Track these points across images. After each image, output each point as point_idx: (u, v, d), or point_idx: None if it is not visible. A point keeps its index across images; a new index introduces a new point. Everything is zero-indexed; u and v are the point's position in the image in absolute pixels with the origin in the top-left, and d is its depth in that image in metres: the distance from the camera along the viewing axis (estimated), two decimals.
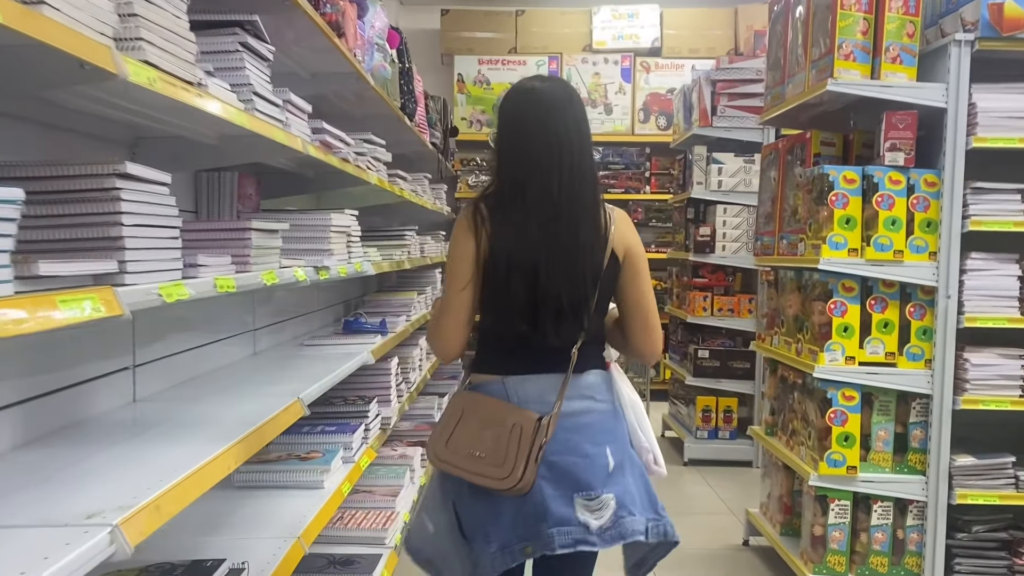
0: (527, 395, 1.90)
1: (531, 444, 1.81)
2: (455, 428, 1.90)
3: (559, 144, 1.88)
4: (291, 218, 2.56)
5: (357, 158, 3.14)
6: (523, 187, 1.88)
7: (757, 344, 3.85)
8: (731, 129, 5.22)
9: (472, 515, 1.89)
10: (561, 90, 1.95)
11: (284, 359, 3.18)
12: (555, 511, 1.80)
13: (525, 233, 1.88)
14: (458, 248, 1.92)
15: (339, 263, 2.75)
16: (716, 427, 5.33)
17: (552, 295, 1.87)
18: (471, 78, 7.35)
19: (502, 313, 1.92)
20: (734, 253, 5.24)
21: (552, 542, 1.79)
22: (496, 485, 1.80)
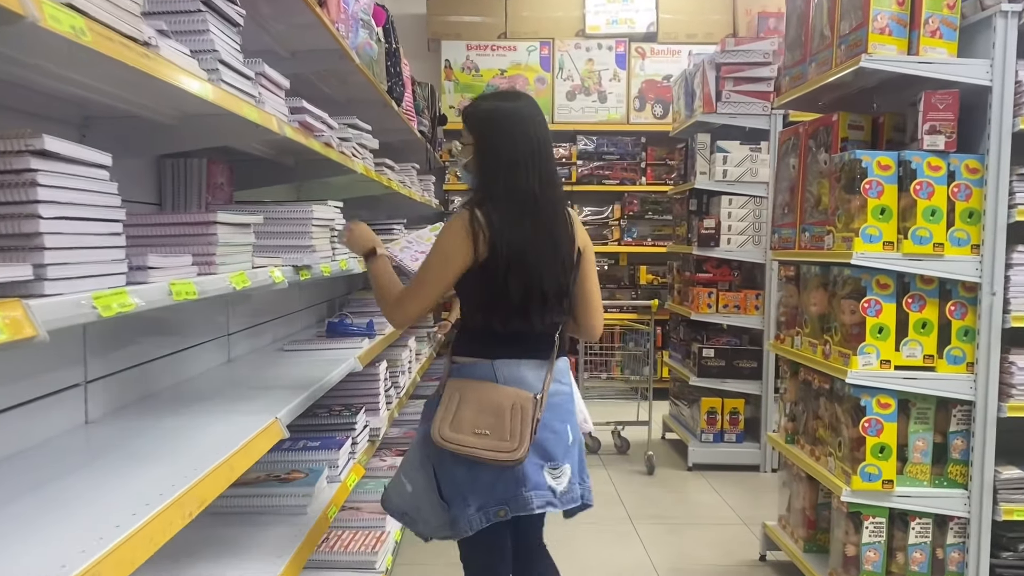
0: (513, 376, 2.12)
1: (532, 420, 2.06)
2: (456, 411, 2.07)
3: (538, 150, 2.13)
4: (266, 211, 2.26)
5: (341, 144, 2.83)
6: (512, 191, 2.10)
7: (775, 345, 3.57)
8: (736, 116, 4.93)
9: (451, 480, 2.11)
10: (531, 102, 2.22)
11: (262, 367, 2.88)
12: (532, 477, 2.08)
13: (519, 233, 2.09)
14: (452, 257, 2.11)
15: (322, 261, 2.45)
16: (722, 430, 5.06)
17: (540, 287, 2.12)
18: (459, 64, 7.03)
19: (498, 309, 2.12)
20: (740, 247, 4.97)
21: (531, 503, 2.07)
22: (505, 458, 2.01)
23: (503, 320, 2.12)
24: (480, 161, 2.16)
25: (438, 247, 2.14)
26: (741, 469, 5.04)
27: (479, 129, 2.18)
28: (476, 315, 2.18)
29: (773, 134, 4.91)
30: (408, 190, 4.59)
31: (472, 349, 2.18)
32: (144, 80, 1.34)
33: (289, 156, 2.91)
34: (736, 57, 4.88)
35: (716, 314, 5.00)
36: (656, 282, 7.14)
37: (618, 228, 7.19)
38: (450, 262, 2.11)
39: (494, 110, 2.18)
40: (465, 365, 2.17)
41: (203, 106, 1.68)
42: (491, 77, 7.00)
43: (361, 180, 3.71)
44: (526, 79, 6.99)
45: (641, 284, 7.18)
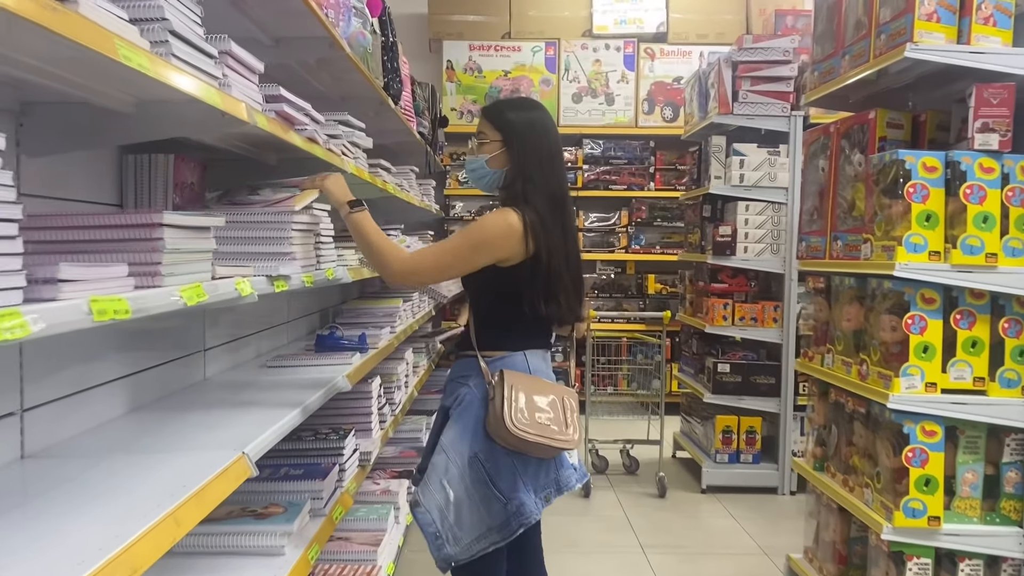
0: (537, 367, 2.29)
1: (578, 410, 2.26)
2: (522, 401, 2.13)
3: (559, 150, 2.36)
4: (235, 212, 1.98)
5: (329, 140, 2.55)
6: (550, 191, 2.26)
7: (801, 363, 3.29)
8: (754, 117, 4.66)
9: (506, 469, 2.17)
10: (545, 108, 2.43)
11: (239, 387, 2.60)
12: (565, 459, 2.29)
13: (557, 230, 2.25)
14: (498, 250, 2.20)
15: (304, 270, 2.17)
16: (738, 450, 4.77)
17: (574, 279, 2.32)
18: (461, 65, 6.77)
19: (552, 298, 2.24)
20: (757, 255, 4.69)
21: (570, 481, 2.28)
22: (569, 446, 2.18)
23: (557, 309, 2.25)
24: (518, 159, 2.26)
25: (478, 237, 2.21)
26: (758, 492, 4.75)
27: (513, 127, 2.28)
28: (507, 309, 2.27)
29: (793, 136, 4.64)
30: (406, 194, 4.32)
31: (503, 342, 2.29)
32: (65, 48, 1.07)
33: (270, 153, 2.64)
34: (754, 55, 4.61)
35: (732, 327, 4.71)
36: (665, 291, 6.86)
37: (625, 235, 6.91)
38: (489, 256, 2.20)
39: (528, 110, 2.33)
40: (502, 358, 2.27)
41: (155, 88, 1.41)
42: (494, 78, 6.74)
43: (355, 183, 3.45)
44: (531, 80, 6.73)
45: (649, 293, 6.90)
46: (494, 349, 2.28)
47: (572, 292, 2.30)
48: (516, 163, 2.27)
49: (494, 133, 2.31)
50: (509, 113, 2.32)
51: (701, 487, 4.77)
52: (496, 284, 2.27)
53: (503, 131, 2.29)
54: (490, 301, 2.33)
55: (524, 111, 2.33)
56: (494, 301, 2.31)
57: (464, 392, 2.28)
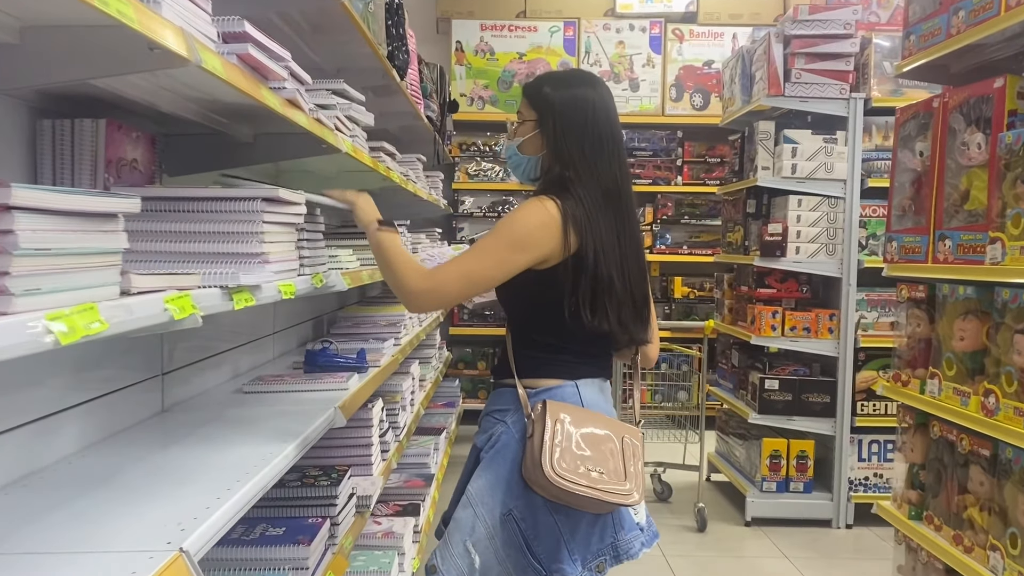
0: (594, 401, 1.87)
1: (643, 456, 1.82)
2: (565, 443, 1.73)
3: (616, 135, 1.89)
4: (178, 196, 1.43)
5: (318, 111, 2.00)
6: (597, 178, 1.85)
7: (891, 388, 2.73)
8: (808, 100, 4.09)
9: (549, 532, 1.76)
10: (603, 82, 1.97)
11: (203, 422, 2.04)
12: (626, 518, 1.82)
13: (605, 228, 1.83)
14: (537, 244, 1.80)
15: (280, 275, 1.62)
16: (787, 477, 4.21)
17: (632, 292, 1.86)
18: (472, 47, 6.20)
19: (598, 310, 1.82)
20: (811, 257, 4.13)
21: (631, 548, 1.80)
22: (626, 501, 1.72)
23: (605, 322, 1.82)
24: (557, 143, 1.88)
25: (508, 234, 1.81)
26: (810, 525, 4.19)
27: (552, 105, 1.89)
28: (550, 326, 1.86)
29: (852, 121, 4.08)
30: (412, 185, 3.76)
31: (548, 369, 1.88)
32: None
33: (243, 125, 2.08)
34: (811, 28, 4.04)
35: (781, 337, 4.15)
36: (693, 296, 6.30)
37: (650, 234, 6.34)
38: (526, 253, 1.80)
39: (574, 86, 1.91)
40: (547, 389, 1.86)
41: None
42: (508, 61, 6.17)
43: (358, 170, 2.91)
44: (548, 64, 6.16)
45: (675, 298, 6.33)
46: (538, 377, 1.88)
47: (629, 307, 1.87)
48: (553, 148, 1.89)
49: (530, 112, 1.95)
50: (548, 88, 1.93)
51: (745, 519, 4.21)
52: (533, 292, 1.87)
53: (539, 109, 1.92)
54: (528, 315, 1.92)
55: (568, 87, 1.92)
56: (532, 315, 1.91)
57: (500, 431, 1.88)
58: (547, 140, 1.91)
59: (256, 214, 1.52)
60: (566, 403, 1.82)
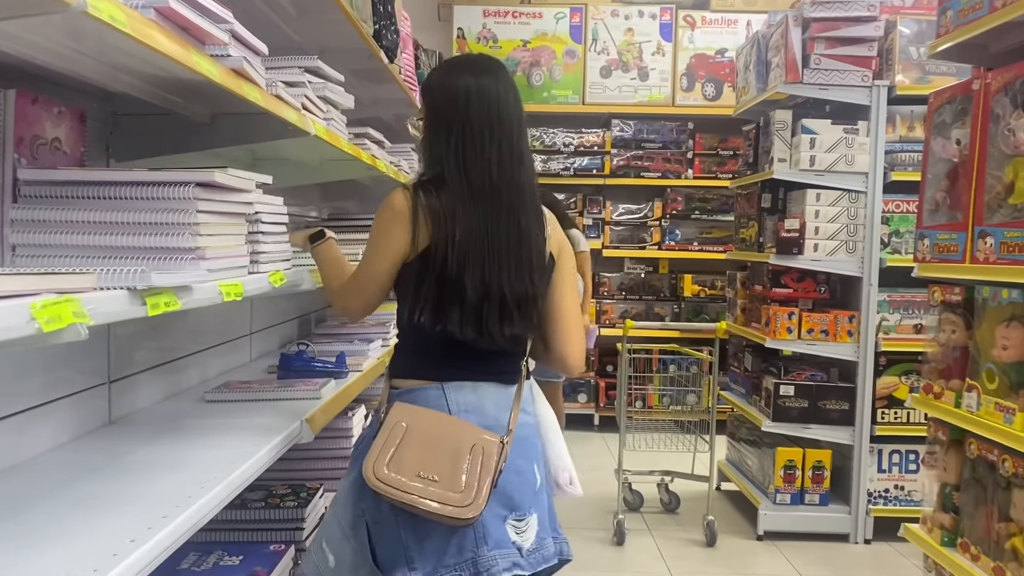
0: (468, 404, 1.73)
1: (494, 470, 1.63)
2: (399, 445, 1.63)
3: (499, 123, 1.76)
4: (87, 181, 1.20)
5: (277, 86, 1.76)
6: (465, 170, 1.74)
7: (921, 400, 2.48)
8: (828, 87, 3.84)
9: (392, 539, 1.66)
10: (497, 66, 1.85)
11: (153, 436, 1.82)
12: (494, 533, 1.67)
13: (469, 222, 1.71)
14: (388, 240, 1.74)
15: (219, 274, 1.39)
16: (802, 488, 3.96)
17: (496, 290, 1.71)
18: (474, 34, 5.95)
19: (443, 312, 1.70)
20: (830, 255, 3.88)
21: (494, 566, 1.64)
22: (454, 514, 1.57)
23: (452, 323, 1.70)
24: (429, 135, 1.82)
25: (372, 232, 1.78)
26: (826, 539, 3.94)
27: (430, 95, 1.82)
28: (417, 323, 1.73)
29: (875, 110, 3.82)
30: (405, 176, 3.53)
31: (415, 369, 1.79)
32: None
33: (198, 104, 1.85)
34: (831, 10, 3.78)
35: (798, 340, 3.90)
36: (703, 294, 6.05)
37: (658, 229, 6.09)
38: (383, 250, 1.75)
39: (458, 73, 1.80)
40: (409, 390, 1.76)
41: None
42: (511, 49, 5.93)
43: (341, 159, 2.69)
44: (553, 51, 5.91)
45: (685, 296, 6.08)
46: (403, 377, 1.80)
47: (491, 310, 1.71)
48: (426, 139, 1.82)
49: (422, 108, 1.86)
50: (433, 77, 1.86)
51: (757, 532, 3.96)
52: (402, 290, 1.80)
53: (423, 100, 1.85)
54: (406, 313, 1.79)
55: (447, 74, 1.83)
56: (407, 314, 1.78)
57: (367, 432, 1.82)
58: (427, 133, 1.83)
59: (188, 202, 1.29)
60: (421, 406, 1.71)
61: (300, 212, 3.58)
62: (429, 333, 1.72)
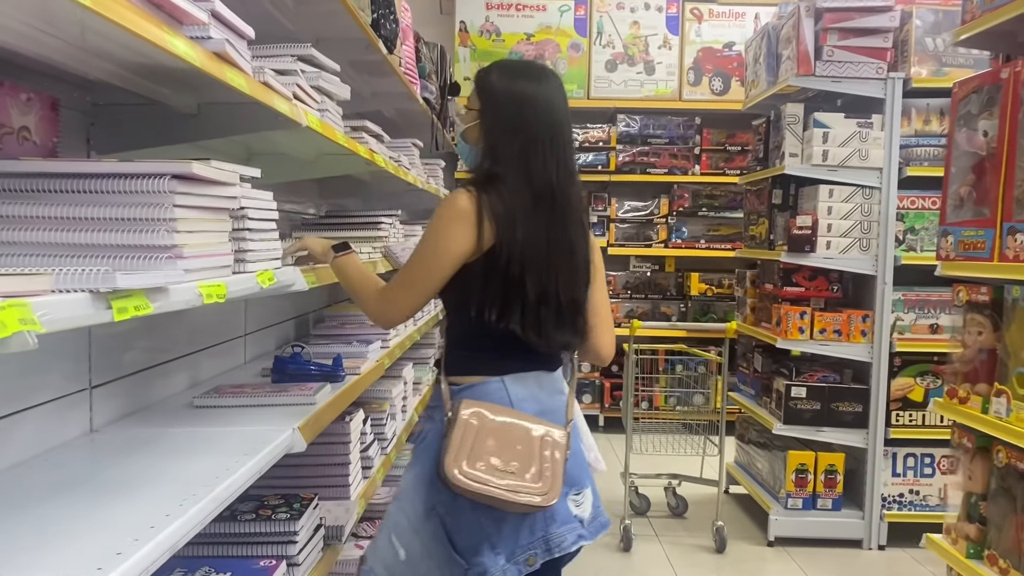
0: (524, 394, 1.82)
1: (564, 455, 1.76)
2: (473, 442, 1.70)
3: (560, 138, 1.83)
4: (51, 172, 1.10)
5: (265, 72, 1.65)
6: (528, 177, 1.79)
7: (944, 405, 2.36)
8: (841, 80, 3.72)
9: (472, 526, 1.76)
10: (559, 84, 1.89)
11: (134, 447, 1.71)
12: (560, 510, 1.79)
13: (531, 227, 1.78)
14: (448, 236, 1.77)
15: (199, 274, 1.28)
16: (814, 493, 3.85)
17: (553, 296, 1.80)
18: (477, 27, 5.84)
19: (508, 310, 1.78)
20: (843, 252, 3.76)
21: (564, 541, 1.78)
22: (537, 502, 1.69)
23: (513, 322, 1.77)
24: (490, 136, 1.84)
25: (431, 232, 1.81)
26: (839, 545, 3.83)
27: (493, 96, 1.85)
28: (474, 322, 1.80)
29: (890, 103, 3.71)
30: (405, 171, 3.42)
31: (473, 366, 1.85)
32: None
33: (183, 94, 1.74)
34: (845, 0, 3.66)
35: (810, 341, 3.78)
36: (711, 293, 5.93)
37: (665, 226, 5.98)
38: (446, 250, 1.78)
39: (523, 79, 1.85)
40: (470, 386, 1.82)
41: None
42: (515, 43, 5.82)
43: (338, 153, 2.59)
44: (557, 45, 5.80)
45: (692, 295, 5.97)
46: (462, 374, 1.85)
47: (549, 314, 1.80)
48: (487, 140, 1.84)
49: (475, 100, 1.91)
50: (493, 77, 1.88)
51: (768, 538, 3.85)
52: (460, 291, 1.84)
53: (481, 99, 1.88)
54: (452, 312, 1.91)
55: (511, 78, 1.86)
56: (456, 312, 1.89)
57: (428, 427, 1.91)
58: (483, 131, 1.86)
59: (163, 196, 1.18)
60: (486, 401, 1.78)
61: (298, 209, 3.48)
62: (491, 330, 1.78)
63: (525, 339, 1.78)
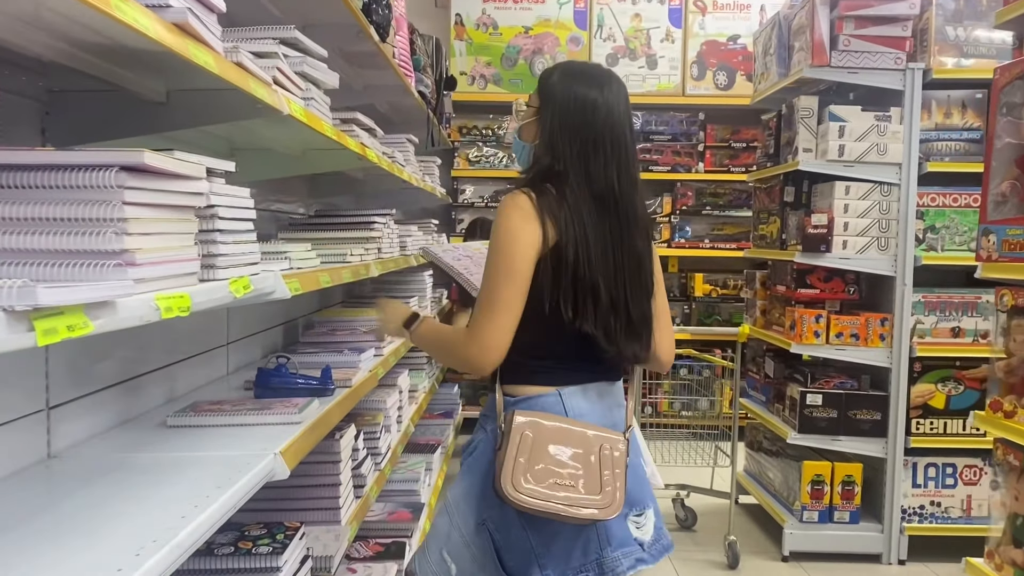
0: (580, 408, 1.77)
1: (624, 465, 1.71)
2: (530, 456, 1.67)
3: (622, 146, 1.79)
4: None
5: (239, 52, 1.46)
6: (589, 180, 1.76)
7: (987, 419, 2.18)
8: (858, 71, 3.54)
9: (520, 543, 1.73)
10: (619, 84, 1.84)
11: (96, 475, 1.52)
12: (616, 533, 1.73)
13: (600, 236, 1.74)
14: (517, 235, 1.71)
15: (159, 284, 1.09)
16: (831, 505, 3.67)
17: (623, 306, 1.76)
18: (473, 20, 5.65)
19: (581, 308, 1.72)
20: (860, 252, 3.58)
21: (619, 566, 1.71)
22: (599, 516, 1.65)
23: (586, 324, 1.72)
24: (550, 135, 1.80)
25: (496, 239, 1.73)
26: (857, 560, 3.65)
27: (553, 96, 1.82)
28: (544, 322, 1.74)
29: (909, 95, 3.52)
30: (399, 168, 3.23)
31: (529, 376, 1.80)
32: None
33: (153, 79, 1.55)
34: None
35: (826, 345, 3.60)
36: (716, 294, 5.75)
37: (668, 226, 5.80)
38: (519, 251, 1.70)
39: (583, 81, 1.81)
40: (525, 398, 1.78)
41: None
42: (512, 36, 5.62)
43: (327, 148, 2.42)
44: (556, 38, 5.61)
45: (696, 296, 5.79)
46: (520, 384, 1.79)
47: (619, 321, 1.75)
48: (546, 139, 1.80)
49: (536, 98, 1.87)
50: (556, 78, 1.84)
51: (782, 553, 3.66)
52: None
53: (542, 98, 1.84)
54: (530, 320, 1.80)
55: (575, 81, 1.82)
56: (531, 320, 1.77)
57: (480, 437, 1.87)
58: (542, 130, 1.82)
59: (111, 191, 0.99)
60: (543, 412, 1.73)
61: (286, 209, 3.28)
62: (561, 332, 1.74)
63: (596, 342, 1.74)
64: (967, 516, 3.63)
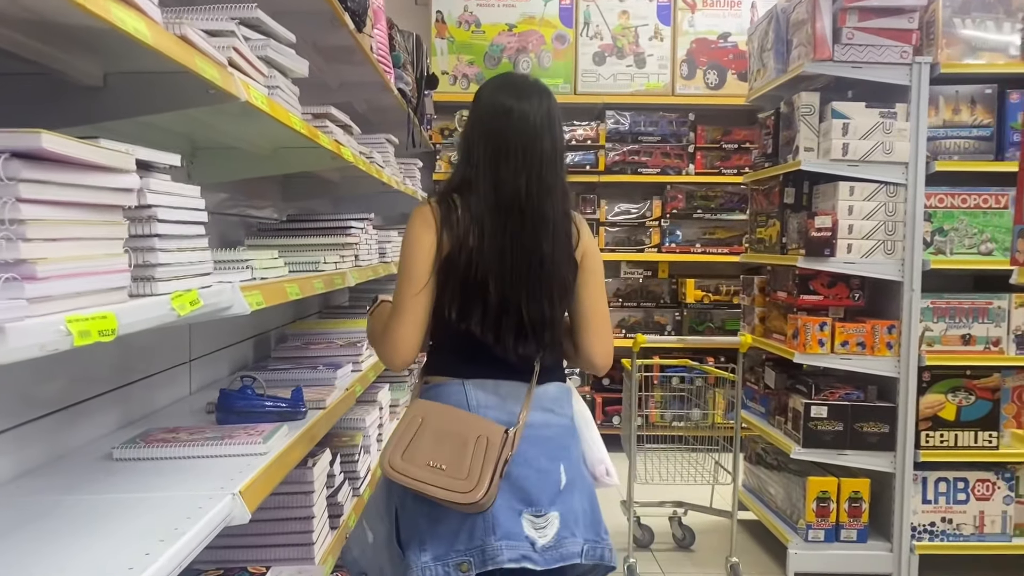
0: (486, 401, 1.85)
1: (497, 458, 1.74)
2: (413, 438, 1.77)
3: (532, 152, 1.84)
4: None
5: (184, 25, 1.24)
6: (496, 187, 1.83)
7: (1021, 436, 1.98)
8: (862, 65, 3.36)
9: (410, 522, 1.81)
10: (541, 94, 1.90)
11: (20, 523, 1.29)
12: (504, 524, 1.76)
13: (493, 236, 1.82)
14: (416, 243, 1.84)
15: (72, 302, 0.86)
16: (837, 523, 3.48)
17: (515, 308, 1.83)
18: (455, 17, 5.43)
19: (468, 311, 1.83)
20: (865, 256, 3.40)
21: (499, 554, 1.74)
22: (459, 499, 1.69)
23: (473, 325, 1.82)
24: (468, 141, 1.90)
25: (401, 251, 1.86)
26: None
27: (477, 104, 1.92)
28: (447, 319, 1.84)
29: (916, 91, 3.35)
30: (376, 169, 3.01)
31: (442, 366, 1.91)
32: None
33: (88, 60, 1.33)
34: None
35: (831, 355, 3.41)
36: (708, 300, 5.56)
37: (658, 230, 5.60)
38: (416, 256, 1.82)
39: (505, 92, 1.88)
40: (435, 386, 1.88)
41: None
42: (496, 34, 5.42)
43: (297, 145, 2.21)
44: (541, 36, 5.41)
45: (687, 303, 5.60)
46: (432, 374, 1.92)
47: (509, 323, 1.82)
48: (465, 144, 1.91)
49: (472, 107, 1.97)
50: (486, 87, 1.94)
51: (787, 574, 3.46)
52: None
53: (472, 105, 1.95)
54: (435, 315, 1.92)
55: (500, 90, 1.90)
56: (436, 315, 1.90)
57: None
58: (464, 136, 1.92)
59: (2, 185, 0.77)
60: (439, 401, 1.82)
61: (257, 214, 3.05)
62: (455, 330, 1.83)
63: (483, 342, 1.82)
64: (980, 533, 3.46)
